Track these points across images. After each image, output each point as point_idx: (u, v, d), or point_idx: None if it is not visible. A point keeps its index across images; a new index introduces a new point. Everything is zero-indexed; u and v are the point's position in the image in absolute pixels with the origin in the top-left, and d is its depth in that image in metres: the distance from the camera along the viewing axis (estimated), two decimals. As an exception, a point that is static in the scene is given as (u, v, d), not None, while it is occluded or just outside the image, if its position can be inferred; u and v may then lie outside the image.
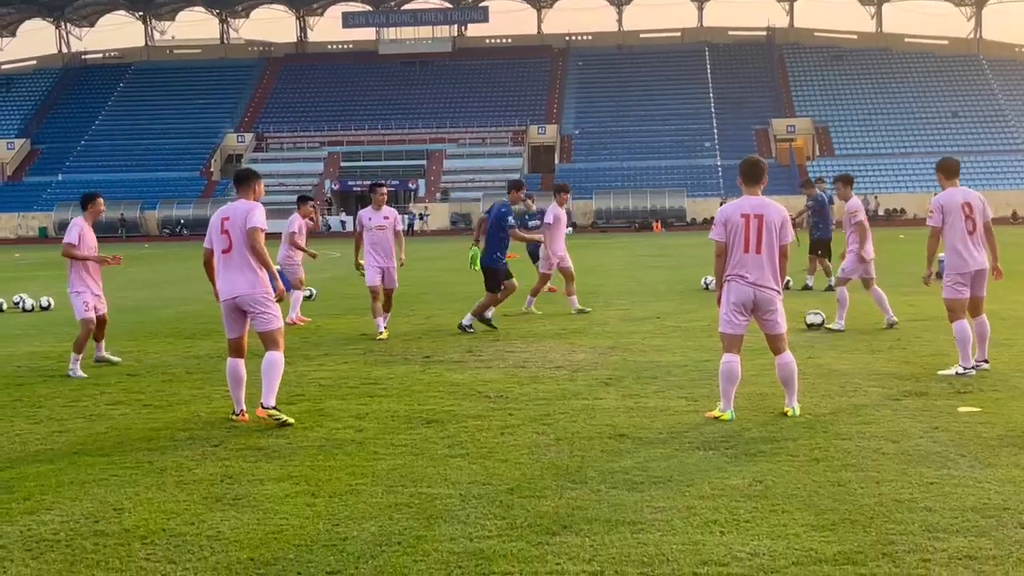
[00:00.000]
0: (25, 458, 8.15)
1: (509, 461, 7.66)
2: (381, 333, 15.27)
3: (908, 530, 5.87)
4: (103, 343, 13.32)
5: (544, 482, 7.05)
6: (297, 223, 17.77)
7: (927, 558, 5.42)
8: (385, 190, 15.92)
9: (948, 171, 11.14)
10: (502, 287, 15.81)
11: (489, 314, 15.89)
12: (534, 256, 22.19)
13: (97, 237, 13.00)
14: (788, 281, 21.75)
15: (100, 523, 6.34)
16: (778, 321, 9.05)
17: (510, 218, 15.92)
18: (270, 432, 8.82)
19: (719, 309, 9.10)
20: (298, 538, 5.96)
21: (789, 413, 9.03)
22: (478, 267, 16.15)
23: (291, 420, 9.12)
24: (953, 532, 5.83)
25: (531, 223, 21.84)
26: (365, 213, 15.62)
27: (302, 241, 17.69)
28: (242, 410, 9.48)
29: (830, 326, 14.91)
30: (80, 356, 12.53)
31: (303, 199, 18.24)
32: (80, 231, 12.60)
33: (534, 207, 23.87)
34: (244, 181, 9.60)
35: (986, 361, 11.13)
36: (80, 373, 12.32)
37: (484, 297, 15.88)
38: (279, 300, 9.56)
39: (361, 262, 15.62)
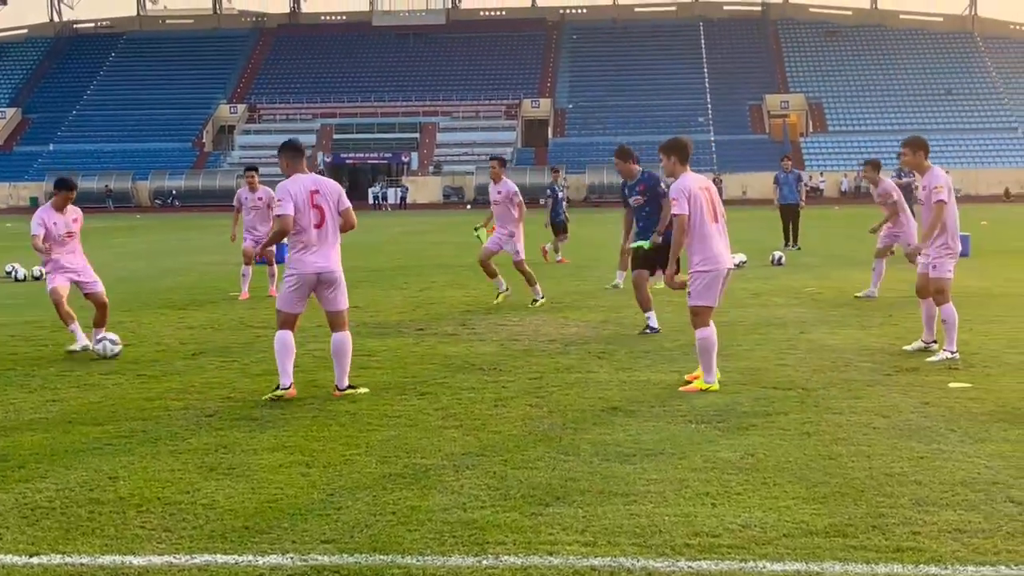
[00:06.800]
0: (19, 427, 8.16)
1: (502, 433, 7.70)
2: None
3: (898, 503, 5.92)
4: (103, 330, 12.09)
5: (537, 453, 7.09)
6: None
7: (917, 531, 5.47)
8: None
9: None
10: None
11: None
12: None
13: (84, 208, 12.44)
14: (780, 257, 21.80)
15: (95, 491, 6.36)
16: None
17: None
18: (264, 403, 8.84)
19: (691, 283, 9.45)
20: (292, 507, 5.99)
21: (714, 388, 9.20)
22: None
23: (364, 390, 9.25)
24: (943, 506, 5.88)
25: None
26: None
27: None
28: (291, 383, 9.06)
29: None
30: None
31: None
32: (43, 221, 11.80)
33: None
34: (301, 152, 9.41)
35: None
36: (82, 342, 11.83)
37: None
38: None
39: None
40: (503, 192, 15.49)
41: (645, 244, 12.41)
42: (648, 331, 12.57)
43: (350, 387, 9.20)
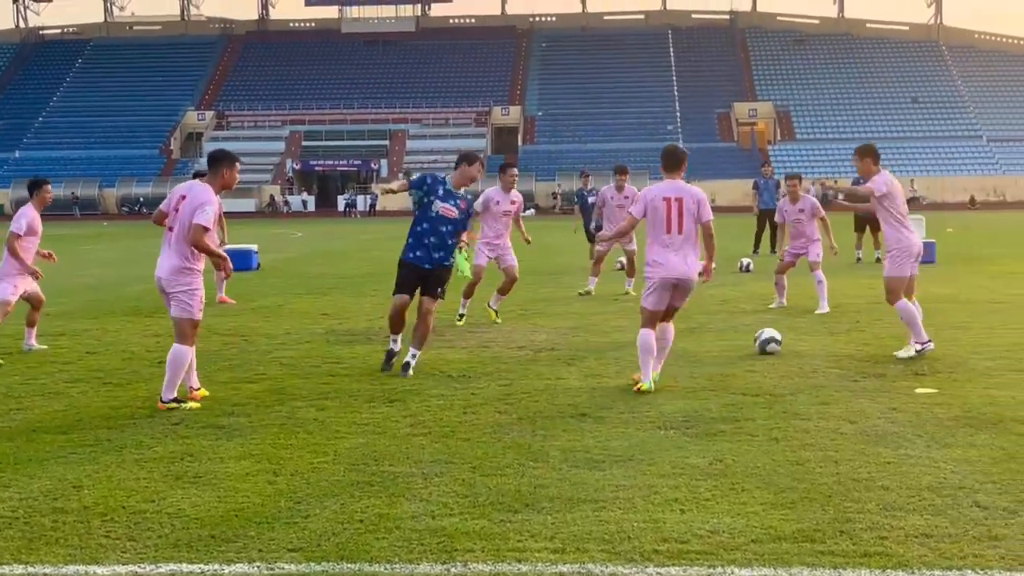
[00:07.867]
0: (-18, 435, 8.06)
1: (471, 440, 7.67)
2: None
3: (865, 508, 5.94)
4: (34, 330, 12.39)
5: (506, 460, 7.07)
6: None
7: (884, 536, 5.49)
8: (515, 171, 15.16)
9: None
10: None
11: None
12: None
13: (51, 215, 12.36)
14: (748, 264, 21.88)
15: (59, 500, 6.29)
16: (685, 300, 9.71)
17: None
18: (231, 411, 8.78)
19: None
20: (259, 516, 5.94)
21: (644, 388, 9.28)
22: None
23: (194, 405, 8.90)
24: (910, 511, 5.90)
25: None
26: (493, 194, 14.53)
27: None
28: (190, 387, 9.18)
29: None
30: None
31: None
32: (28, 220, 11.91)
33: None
34: (214, 164, 9.23)
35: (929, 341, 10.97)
36: None
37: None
38: (226, 277, 9.45)
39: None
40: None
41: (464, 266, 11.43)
42: (387, 358, 10.80)
43: (175, 400, 8.82)
